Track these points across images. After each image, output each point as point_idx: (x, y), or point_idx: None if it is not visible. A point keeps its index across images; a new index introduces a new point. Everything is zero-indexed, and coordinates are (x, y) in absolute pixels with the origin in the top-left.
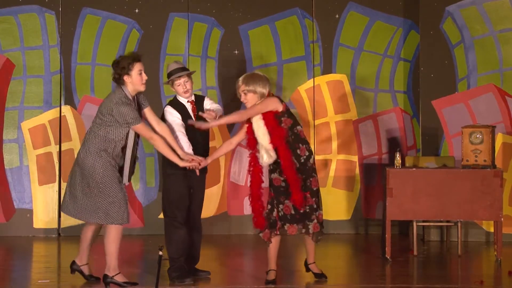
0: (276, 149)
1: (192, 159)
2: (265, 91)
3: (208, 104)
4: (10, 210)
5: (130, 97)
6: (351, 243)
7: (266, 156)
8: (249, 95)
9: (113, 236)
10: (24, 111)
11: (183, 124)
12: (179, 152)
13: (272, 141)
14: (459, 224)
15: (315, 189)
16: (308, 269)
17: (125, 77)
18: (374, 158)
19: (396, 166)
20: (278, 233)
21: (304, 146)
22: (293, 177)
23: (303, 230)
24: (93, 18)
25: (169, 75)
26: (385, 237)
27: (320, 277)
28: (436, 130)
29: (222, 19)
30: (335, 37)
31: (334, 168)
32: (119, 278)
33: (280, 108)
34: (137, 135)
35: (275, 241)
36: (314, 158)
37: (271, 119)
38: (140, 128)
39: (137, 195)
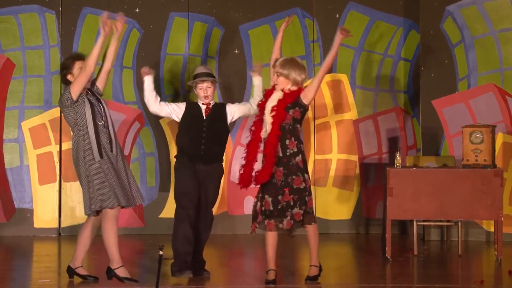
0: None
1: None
2: (299, 78)
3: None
4: (10, 210)
5: (75, 98)
6: (351, 242)
7: (264, 130)
8: (281, 78)
9: (106, 225)
10: (24, 110)
11: (172, 107)
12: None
13: (273, 116)
14: (459, 224)
15: (295, 187)
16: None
17: (69, 77)
18: (375, 158)
19: (397, 166)
20: (258, 226)
21: (296, 142)
22: (268, 152)
23: (279, 226)
24: (94, 17)
25: (195, 77)
26: (386, 236)
27: (312, 279)
28: (436, 129)
29: (222, 18)
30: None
31: (334, 167)
32: (120, 272)
33: (306, 101)
34: (99, 114)
35: (271, 240)
36: (305, 160)
37: (285, 100)
38: (71, 90)
39: None
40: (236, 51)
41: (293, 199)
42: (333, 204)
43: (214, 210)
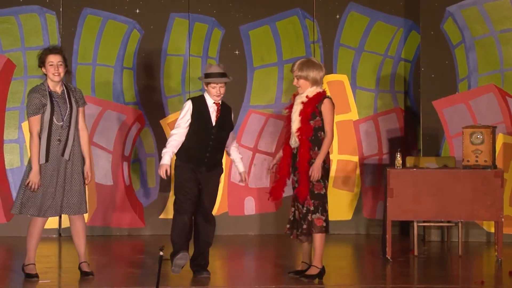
0: (298, 137)
1: None
2: (318, 77)
3: (234, 153)
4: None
5: (47, 89)
6: (351, 243)
7: (293, 140)
8: (301, 80)
9: (29, 228)
10: (24, 111)
11: (188, 124)
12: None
13: (299, 129)
14: (459, 225)
15: (316, 192)
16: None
17: (42, 69)
18: (375, 159)
19: (397, 167)
20: (288, 232)
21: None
22: (303, 169)
23: (297, 232)
24: (94, 18)
25: (208, 75)
26: (386, 237)
27: (306, 277)
28: (436, 130)
29: (222, 19)
30: (335, 37)
31: (334, 168)
32: (28, 269)
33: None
34: (65, 119)
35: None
36: (326, 168)
37: (307, 112)
38: (30, 120)
39: (137, 195)
40: (237, 52)
41: (314, 204)
42: (333, 204)
43: (214, 211)
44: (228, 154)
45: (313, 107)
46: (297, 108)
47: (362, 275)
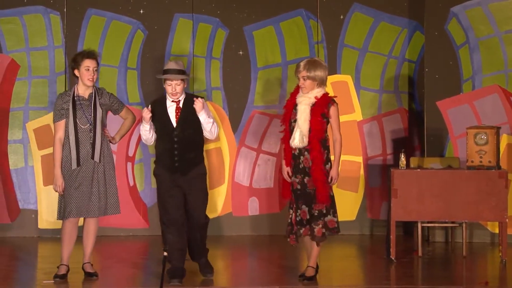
0: (310, 138)
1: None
2: (324, 77)
3: (202, 118)
4: (15, 211)
5: (72, 94)
6: (356, 243)
7: (298, 140)
8: (308, 81)
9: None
10: (29, 111)
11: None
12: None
13: (313, 131)
14: (464, 225)
15: (329, 195)
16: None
17: (75, 71)
18: (379, 159)
19: (401, 167)
20: (294, 237)
21: (326, 151)
22: (320, 172)
23: (309, 232)
24: (98, 19)
25: (164, 72)
26: (390, 237)
27: (309, 279)
28: (441, 131)
29: (226, 19)
30: (339, 38)
31: (339, 169)
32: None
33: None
34: (91, 122)
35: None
36: (330, 166)
37: (320, 114)
38: (54, 126)
39: (141, 195)
40: (241, 52)
41: (326, 207)
42: (337, 205)
43: (219, 211)
44: None
45: (323, 109)
46: (304, 108)
47: (366, 275)
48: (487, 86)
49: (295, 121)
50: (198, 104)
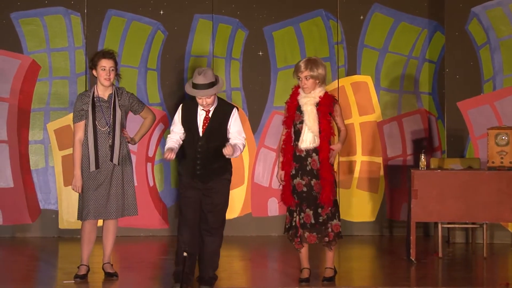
0: (320, 139)
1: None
2: (325, 76)
3: (233, 133)
4: (35, 211)
5: (92, 94)
6: (375, 244)
7: (310, 141)
8: (311, 80)
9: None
10: (50, 112)
11: (180, 132)
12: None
13: (323, 131)
14: (484, 226)
15: (332, 199)
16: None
17: (93, 72)
18: (399, 160)
19: (421, 168)
20: (299, 240)
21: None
22: (328, 174)
23: (325, 239)
24: (118, 19)
25: (193, 85)
26: (410, 239)
27: (329, 279)
28: (461, 131)
29: (246, 20)
30: (359, 38)
31: (358, 169)
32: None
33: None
34: (109, 124)
35: (305, 252)
36: (333, 169)
37: (327, 114)
38: (74, 127)
39: (161, 196)
40: (260, 53)
41: (331, 211)
42: (357, 206)
43: (238, 211)
44: None
45: (330, 109)
46: (311, 109)
47: (386, 276)
48: (508, 87)
49: (300, 122)
50: (226, 151)
